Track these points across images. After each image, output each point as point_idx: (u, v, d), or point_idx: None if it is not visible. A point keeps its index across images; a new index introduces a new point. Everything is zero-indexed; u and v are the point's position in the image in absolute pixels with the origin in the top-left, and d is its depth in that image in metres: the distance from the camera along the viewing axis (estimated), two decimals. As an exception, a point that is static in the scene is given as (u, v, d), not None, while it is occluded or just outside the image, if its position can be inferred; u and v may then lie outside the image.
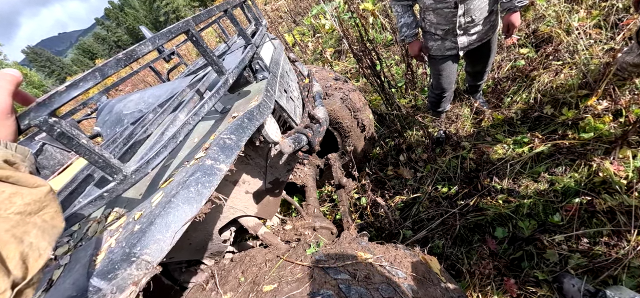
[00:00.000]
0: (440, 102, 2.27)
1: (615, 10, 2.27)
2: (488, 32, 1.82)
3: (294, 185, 1.84)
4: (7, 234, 0.37)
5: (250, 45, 1.03)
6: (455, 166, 2.14)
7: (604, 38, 2.20)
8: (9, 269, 0.36)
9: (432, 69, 2.09)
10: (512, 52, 2.61)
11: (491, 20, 1.77)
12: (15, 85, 0.49)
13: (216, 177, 0.69)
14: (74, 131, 0.51)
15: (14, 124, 0.48)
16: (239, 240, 1.39)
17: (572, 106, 1.99)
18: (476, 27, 1.76)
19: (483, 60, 2.05)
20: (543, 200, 1.69)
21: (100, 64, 0.54)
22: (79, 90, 0.51)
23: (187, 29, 0.74)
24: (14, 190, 0.40)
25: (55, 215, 0.45)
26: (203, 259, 1.21)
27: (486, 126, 2.27)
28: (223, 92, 0.81)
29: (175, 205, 0.63)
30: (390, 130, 2.72)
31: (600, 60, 2.05)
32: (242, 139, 0.79)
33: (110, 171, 0.58)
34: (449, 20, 1.74)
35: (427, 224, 1.94)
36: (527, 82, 2.32)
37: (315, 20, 5.18)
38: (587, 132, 1.83)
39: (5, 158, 0.41)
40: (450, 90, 2.16)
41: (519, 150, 1.98)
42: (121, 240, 0.64)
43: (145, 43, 0.62)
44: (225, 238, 1.26)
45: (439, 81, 2.08)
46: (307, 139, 1.10)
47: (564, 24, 2.42)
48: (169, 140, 0.65)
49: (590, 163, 1.68)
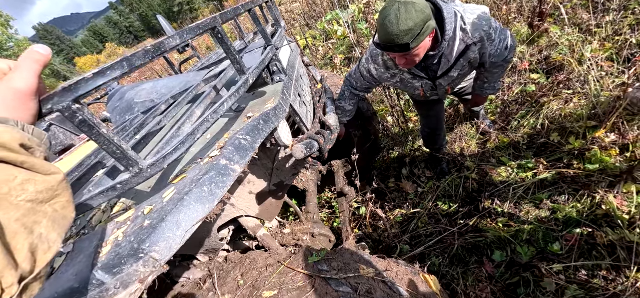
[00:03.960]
0: (431, 139, 2.23)
1: (628, 45, 2.27)
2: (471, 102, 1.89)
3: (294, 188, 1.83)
4: (17, 223, 0.35)
5: (271, 47, 1.03)
6: (457, 185, 2.14)
7: (615, 71, 2.21)
8: (18, 262, 0.34)
9: (419, 111, 2.11)
10: (523, 77, 2.62)
11: None
12: (44, 65, 0.46)
13: (230, 177, 0.68)
14: (95, 120, 0.51)
15: (36, 107, 0.45)
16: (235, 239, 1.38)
17: (580, 136, 1.99)
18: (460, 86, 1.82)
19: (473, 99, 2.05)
20: (544, 228, 1.68)
21: (129, 53, 0.55)
22: (106, 78, 0.51)
23: (214, 26, 0.74)
24: (28, 176, 0.38)
25: (66, 204, 0.43)
26: (197, 255, 1.20)
27: (491, 148, 2.27)
28: (243, 91, 0.82)
29: (187, 204, 0.63)
30: (395, 142, 2.72)
31: (611, 93, 2.05)
32: (257, 141, 0.79)
33: (127, 163, 0.57)
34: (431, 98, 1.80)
35: (425, 241, 1.94)
36: (536, 107, 2.32)
37: (329, 26, 5.19)
38: (592, 163, 1.83)
39: (22, 142, 0.39)
40: (440, 127, 2.14)
41: (522, 174, 1.98)
42: (130, 234, 0.63)
43: (173, 37, 0.62)
44: (223, 236, 1.25)
45: (428, 120, 2.09)
46: (318, 145, 1.10)
47: (576, 53, 2.42)
48: (187, 136, 0.65)
49: (594, 195, 1.68)
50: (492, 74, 1.60)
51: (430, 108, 2.00)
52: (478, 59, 1.41)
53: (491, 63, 1.47)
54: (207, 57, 2.27)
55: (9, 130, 0.38)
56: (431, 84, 1.54)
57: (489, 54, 1.40)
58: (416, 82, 1.56)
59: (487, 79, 1.63)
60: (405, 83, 1.60)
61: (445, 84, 1.56)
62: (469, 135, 2.44)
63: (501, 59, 1.46)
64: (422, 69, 1.48)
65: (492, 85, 1.67)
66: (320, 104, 1.59)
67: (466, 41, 1.34)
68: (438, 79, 1.51)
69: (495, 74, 1.60)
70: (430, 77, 1.52)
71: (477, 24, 1.33)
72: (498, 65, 1.52)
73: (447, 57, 1.39)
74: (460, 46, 1.34)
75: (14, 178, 0.36)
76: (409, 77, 1.55)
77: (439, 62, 1.42)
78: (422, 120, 2.15)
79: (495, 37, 1.37)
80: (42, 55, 0.46)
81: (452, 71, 1.45)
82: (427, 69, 1.49)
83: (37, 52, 0.45)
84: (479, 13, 1.37)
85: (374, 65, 1.54)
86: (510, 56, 1.49)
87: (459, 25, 1.31)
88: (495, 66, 1.52)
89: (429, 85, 1.56)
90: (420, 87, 1.57)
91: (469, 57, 1.39)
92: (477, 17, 1.34)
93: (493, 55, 1.42)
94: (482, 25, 1.33)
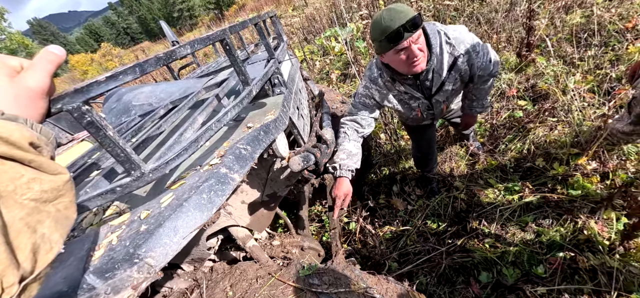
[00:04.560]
0: (422, 161, 2.28)
1: (608, 79, 2.41)
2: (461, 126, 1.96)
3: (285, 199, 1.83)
4: (21, 222, 0.35)
5: (274, 60, 1.06)
6: (446, 204, 2.18)
7: (596, 103, 2.33)
8: (19, 261, 0.33)
9: (411, 135, 2.17)
10: (511, 103, 2.73)
11: None
12: (58, 65, 0.47)
13: (229, 186, 0.69)
14: (103, 121, 0.52)
15: (46, 106, 0.46)
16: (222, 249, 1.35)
17: (563, 162, 2.08)
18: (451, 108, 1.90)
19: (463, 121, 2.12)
20: (528, 250, 1.72)
21: (142, 60, 0.56)
22: (118, 82, 0.53)
23: (223, 38, 0.77)
24: (34, 175, 0.38)
25: (69, 205, 0.42)
26: (182, 264, 1.18)
27: (480, 169, 2.34)
28: (246, 102, 0.84)
29: (186, 210, 0.63)
30: (387, 159, 2.77)
31: (592, 123, 2.16)
32: (257, 151, 0.81)
33: (129, 166, 0.58)
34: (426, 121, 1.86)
35: (413, 259, 1.95)
36: (523, 132, 2.41)
37: (327, 42, 5.32)
38: (575, 189, 1.90)
39: (31, 140, 0.39)
40: (431, 151, 2.20)
41: (509, 197, 2.04)
42: (125, 238, 0.63)
43: (184, 46, 0.64)
44: (211, 245, 1.22)
45: (420, 145, 2.15)
46: (315, 158, 1.12)
47: (561, 83, 2.55)
48: (190, 143, 0.66)
49: (576, 220, 1.74)
50: (480, 90, 1.65)
51: (422, 133, 2.06)
52: (468, 70, 1.47)
53: (478, 77, 1.53)
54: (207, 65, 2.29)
55: (19, 128, 0.38)
56: (427, 103, 1.60)
57: (477, 67, 1.47)
58: (413, 103, 1.61)
59: (475, 96, 1.68)
60: (402, 104, 1.63)
61: (441, 99, 1.61)
62: (458, 156, 2.51)
63: (487, 72, 1.53)
64: (417, 88, 1.54)
65: (481, 103, 1.72)
66: (317, 117, 1.62)
67: (453, 54, 1.40)
68: (433, 95, 1.57)
69: (482, 90, 1.65)
70: (425, 96, 1.58)
71: (460, 38, 1.40)
72: (484, 80, 1.58)
73: (438, 72, 1.45)
74: (449, 59, 1.41)
75: (21, 176, 0.36)
76: (407, 98, 1.60)
77: (432, 79, 1.48)
78: (414, 144, 2.21)
79: (478, 49, 1.45)
80: (57, 56, 0.46)
81: (446, 85, 1.50)
82: (422, 88, 1.54)
83: (52, 52, 0.46)
84: (460, 29, 1.45)
85: (375, 88, 1.57)
86: (495, 69, 1.55)
87: (444, 39, 1.38)
88: (482, 81, 1.58)
89: (425, 105, 1.61)
90: (417, 107, 1.62)
91: (459, 68, 1.45)
92: (458, 33, 1.42)
93: (479, 68, 1.49)
94: (464, 39, 1.41)
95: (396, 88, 1.55)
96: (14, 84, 0.42)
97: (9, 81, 0.42)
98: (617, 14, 2.93)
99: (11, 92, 0.41)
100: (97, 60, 24.87)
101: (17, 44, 23.40)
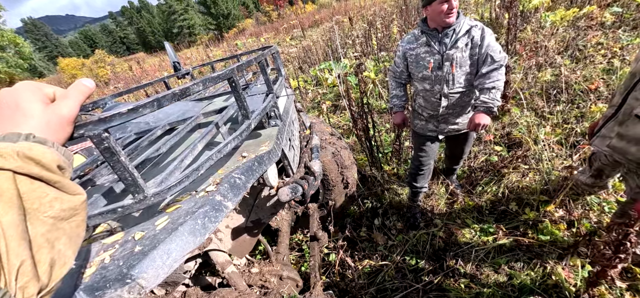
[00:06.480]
0: (417, 175, 2.38)
1: (574, 133, 2.65)
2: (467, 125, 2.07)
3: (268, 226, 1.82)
4: (42, 238, 0.38)
5: (272, 95, 1.15)
6: (425, 241, 2.25)
7: (564, 154, 2.54)
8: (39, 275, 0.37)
9: (415, 142, 2.32)
10: (488, 147, 2.92)
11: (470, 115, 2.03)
12: (87, 96, 0.52)
13: (222, 213, 0.74)
14: (118, 148, 0.57)
15: (71, 131, 0.50)
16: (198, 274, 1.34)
17: (534, 208, 2.22)
18: (457, 118, 2.02)
19: (460, 147, 2.30)
20: (501, 293, 1.80)
21: (160, 94, 0.63)
22: (138, 114, 0.59)
23: (231, 77, 0.85)
24: (57, 195, 0.41)
25: (81, 223, 0.46)
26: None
27: (458, 209, 2.45)
28: (245, 135, 0.91)
29: (180, 234, 0.66)
30: (371, 192, 2.85)
31: (559, 173, 2.34)
32: (250, 181, 0.86)
33: (134, 189, 0.62)
34: (434, 108, 2.00)
35: (391, 295, 1.98)
36: (498, 177, 2.57)
37: (320, 73, 5.56)
38: (544, 234, 2.03)
39: (59, 163, 0.43)
40: (428, 166, 2.33)
41: (484, 238, 2.14)
42: (118, 258, 0.64)
43: (197, 83, 0.72)
44: (188, 269, 1.22)
45: (419, 154, 2.28)
46: (302, 189, 1.18)
47: (532, 134, 2.78)
48: (192, 171, 0.71)
49: (545, 265, 1.85)
50: (489, 78, 1.77)
51: (425, 143, 2.21)
52: (478, 41, 1.74)
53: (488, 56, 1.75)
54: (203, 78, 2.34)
55: (50, 151, 0.42)
56: (440, 58, 1.82)
57: (486, 44, 1.74)
58: (428, 57, 1.86)
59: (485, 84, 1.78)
60: (418, 59, 1.91)
61: (451, 58, 1.81)
62: (438, 194, 2.63)
63: (494, 52, 1.74)
64: (438, 41, 1.80)
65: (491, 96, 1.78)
66: (306, 149, 1.70)
67: (470, 24, 1.75)
68: (447, 50, 1.80)
69: (492, 78, 1.76)
70: (440, 52, 1.82)
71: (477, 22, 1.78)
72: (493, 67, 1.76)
73: (456, 33, 1.76)
74: (466, 26, 1.74)
75: (46, 195, 0.40)
76: (423, 51, 1.87)
77: (451, 36, 1.77)
78: (415, 153, 2.33)
79: (489, 35, 1.75)
80: (88, 89, 0.52)
81: (459, 42, 1.76)
82: (440, 43, 1.81)
83: (85, 85, 0.52)
84: None
85: (403, 43, 1.98)
86: (501, 57, 1.76)
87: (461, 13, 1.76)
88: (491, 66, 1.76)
89: (438, 61, 1.83)
90: (430, 61, 1.86)
91: (472, 34, 1.74)
92: None
93: (488, 46, 1.74)
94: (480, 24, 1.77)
95: (419, 43, 1.88)
96: (48, 111, 0.47)
97: (44, 108, 0.47)
98: (582, 76, 3.27)
99: (44, 118, 0.46)
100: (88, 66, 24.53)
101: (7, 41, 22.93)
